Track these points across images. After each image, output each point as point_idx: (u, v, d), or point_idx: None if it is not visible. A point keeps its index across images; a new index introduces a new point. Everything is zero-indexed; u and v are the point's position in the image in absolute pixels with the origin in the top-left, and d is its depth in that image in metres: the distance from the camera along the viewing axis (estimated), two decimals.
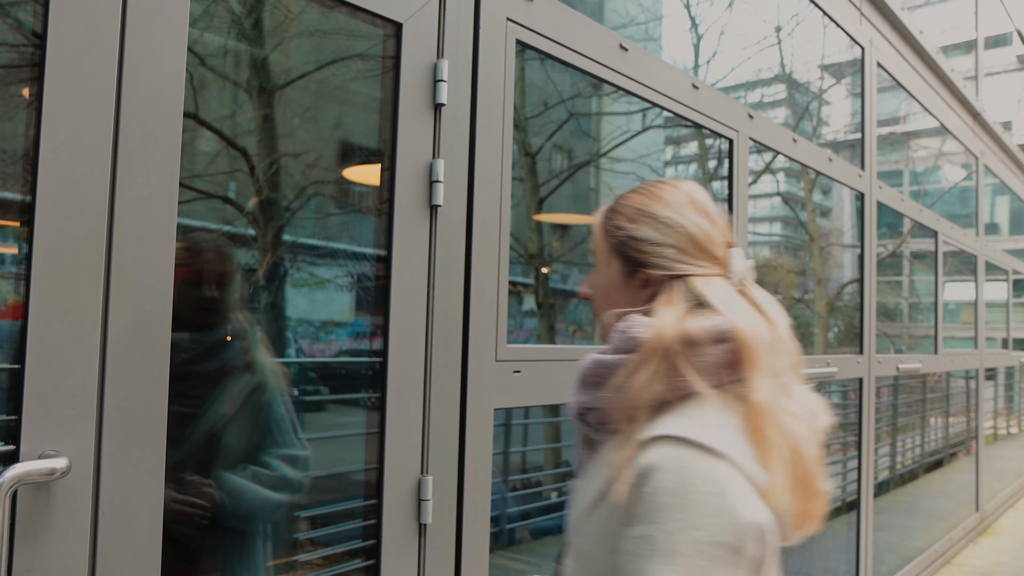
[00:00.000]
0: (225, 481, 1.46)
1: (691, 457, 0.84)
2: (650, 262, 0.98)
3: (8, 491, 1.01)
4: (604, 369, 0.94)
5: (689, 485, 0.82)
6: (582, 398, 0.97)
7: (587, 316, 9.97)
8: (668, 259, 0.97)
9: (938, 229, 5.37)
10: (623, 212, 1.02)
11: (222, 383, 1.50)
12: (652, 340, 0.90)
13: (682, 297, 0.95)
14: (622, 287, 1.01)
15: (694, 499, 0.81)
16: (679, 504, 0.81)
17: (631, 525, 0.84)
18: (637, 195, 1.03)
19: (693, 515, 0.81)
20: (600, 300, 1.05)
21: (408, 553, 1.61)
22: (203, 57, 1.62)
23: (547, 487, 5.77)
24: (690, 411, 0.89)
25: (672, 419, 0.88)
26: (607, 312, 1.02)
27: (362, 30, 1.70)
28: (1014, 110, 14.09)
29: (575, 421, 1.00)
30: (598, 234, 1.06)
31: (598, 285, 1.06)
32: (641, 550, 0.82)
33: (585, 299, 1.08)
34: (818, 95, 5.20)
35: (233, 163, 1.80)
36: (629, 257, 1.00)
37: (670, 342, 0.89)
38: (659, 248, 0.98)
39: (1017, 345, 9.15)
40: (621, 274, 1.01)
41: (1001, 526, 6.61)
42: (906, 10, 4.53)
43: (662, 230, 0.98)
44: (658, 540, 0.80)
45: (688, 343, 0.90)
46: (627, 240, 1.00)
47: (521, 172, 6.24)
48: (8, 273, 1.26)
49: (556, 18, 2.02)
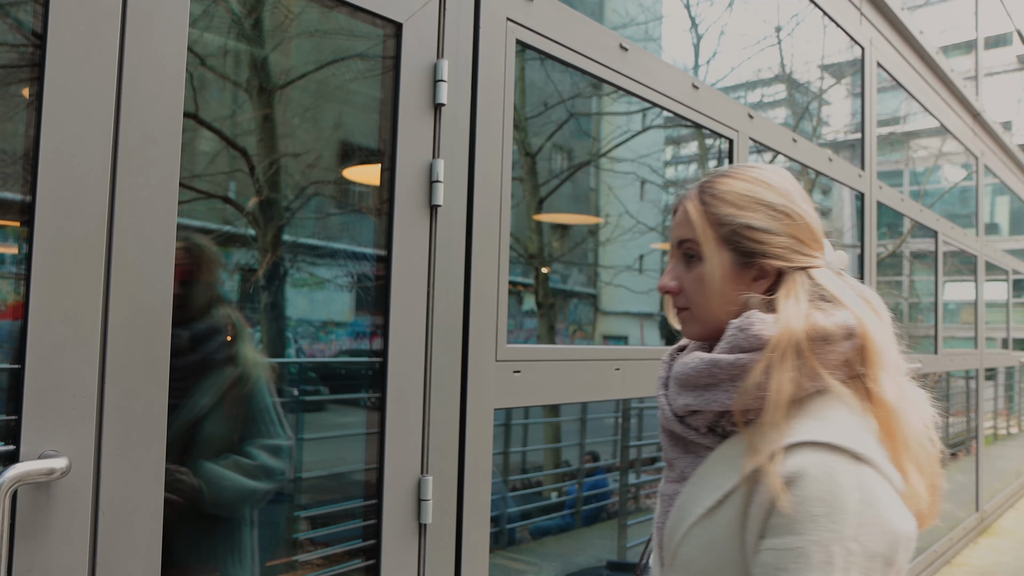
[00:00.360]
0: (204, 469, 1.48)
1: (840, 464, 0.79)
2: (771, 253, 0.91)
3: (8, 491, 1.01)
4: (721, 370, 0.87)
5: (839, 494, 0.77)
6: (687, 400, 0.91)
7: (587, 316, 9.97)
8: (786, 249, 0.91)
9: (938, 229, 5.37)
10: (726, 199, 0.93)
11: (202, 376, 1.52)
12: (782, 337, 0.84)
13: (803, 290, 0.89)
14: (732, 279, 0.93)
15: (846, 508, 0.76)
16: (829, 514, 0.76)
17: (770, 536, 0.79)
18: (735, 180, 0.95)
19: (845, 525, 0.76)
20: (696, 294, 0.95)
21: (408, 553, 1.61)
22: (203, 57, 1.62)
23: (547, 487, 5.77)
24: (822, 412, 0.84)
25: (808, 422, 0.83)
26: (704, 307, 0.95)
27: (362, 30, 1.70)
28: (1014, 110, 14.09)
29: (672, 424, 0.94)
30: (699, 223, 0.94)
31: (693, 278, 0.95)
32: (789, 563, 0.77)
33: (668, 293, 0.98)
34: (818, 95, 5.20)
35: (233, 163, 1.80)
36: (744, 248, 0.92)
37: (800, 338, 0.84)
38: (777, 238, 0.91)
39: (1017, 345, 9.15)
40: (732, 266, 0.93)
41: (1001, 526, 6.61)
42: (906, 10, 4.53)
43: (780, 219, 0.92)
44: (810, 553, 0.75)
45: (819, 339, 0.85)
46: (741, 229, 0.92)
47: (521, 172, 6.24)
48: (8, 273, 1.26)
49: (556, 18, 2.02)
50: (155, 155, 1.21)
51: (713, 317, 0.94)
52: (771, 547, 0.79)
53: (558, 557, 4.73)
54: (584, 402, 4.64)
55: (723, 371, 0.87)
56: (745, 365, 0.86)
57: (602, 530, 5.10)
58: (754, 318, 0.88)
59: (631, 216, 7.82)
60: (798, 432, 0.82)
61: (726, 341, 0.89)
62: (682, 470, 0.94)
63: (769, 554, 0.79)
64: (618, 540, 4.88)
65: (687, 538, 0.88)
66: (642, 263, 8.74)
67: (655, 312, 9.22)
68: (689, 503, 0.89)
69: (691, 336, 0.99)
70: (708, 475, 0.89)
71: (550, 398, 2.02)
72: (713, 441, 0.91)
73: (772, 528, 0.79)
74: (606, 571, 4.32)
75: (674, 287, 0.97)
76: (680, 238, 0.97)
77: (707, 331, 0.96)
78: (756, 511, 0.81)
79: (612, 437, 5.93)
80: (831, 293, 0.89)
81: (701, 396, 0.89)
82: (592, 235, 8.49)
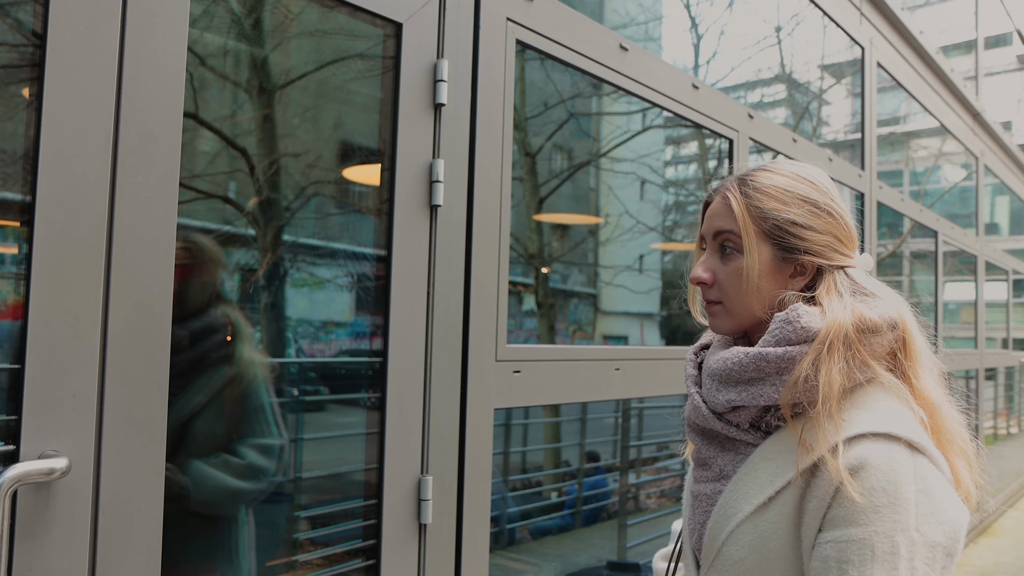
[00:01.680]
0: (191, 467, 1.48)
1: (898, 454, 0.79)
2: (812, 249, 0.91)
3: (8, 491, 1.01)
4: (768, 363, 0.86)
5: (900, 483, 0.77)
6: (730, 396, 0.89)
7: (587, 316, 9.97)
8: (826, 247, 0.92)
9: (938, 229, 5.37)
10: (770, 193, 0.93)
11: (197, 374, 1.52)
12: (830, 328, 0.84)
13: (844, 286, 0.90)
14: (769, 274, 0.92)
15: (907, 498, 0.77)
16: (892, 504, 0.76)
17: (830, 529, 0.79)
18: (777, 175, 0.95)
19: (907, 515, 0.76)
20: (731, 287, 0.94)
21: (408, 553, 1.61)
22: (203, 57, 1.62)
23: (547, 487, 5.77)
24: (871, 403, 0.85)
25: (861, 412, 0.83)
26: (739, 301, 0.94)
27: (362, 30, 1.70)
28: (1014, 110, 14.09)
29: (709, 422, 0.92)
30: (740, 215, 0.93)
31: (730, 271, 0.94)
32: (852, 555, 0.76)
33: (701, 285, 0.97)
34: (818, 95, 5.20)
35: (233, 163, 1.80)
36: (786, 244, 0.92)
37: (849, 330, 0.84)
38: (819, 236, 0.92)
39: (1017, 345, 9.15)
40: (771, 260, 0.92)
41: (1001, 526, 6.61)
42: (906, 10, 4.53)
43: (822, 216, 0.93)
44: (875, 544, 0.75)
45: (867, 330, 0.85)
46: (785, 224, 0.92)
47: (521, 172, 6.23)
48: (8, 273, 1.26)
49: (556, 18, 2.02)
50: (155, 155, 1.21)
51: (747, 311, 0.94)
52: (833, 539, 0.78)
53: (558, 557, 4.74)
54: (584, 402, 4.65)
55: (771, 364, 0.86)
56: (794, 358, 0.85)
57: (602, 530, 5.10)
58: (800, 310, 0.87)
59: (631, 216, 7.82)
60: (855, 423, 0.82)
61: (771, 334, 0.88)
62: (721, 468, 0.92)
63: (831, 547, 0.78)
64: (618, 540, 4.88)
65: (733, 537, 0.86)
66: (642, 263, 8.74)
67: (655, 312, 9.22)
68: (735, 501, 0.88)
69: (721, 330, 0.98)
70: (754, 472, 0.88)
71: (550, 398, 2.02)
72: (755, 437, 0.90)
73: (832, 520, 0.79)
74: (606, 571, 4.32)
75: (708, 279, 0.96)
76: (718, 229, 0.96)
77: (739, 325, 0.95)
78: (815, 505, 0.81)
79: (612, 437, 5.94)
80: (870, 290, 0.90)
81: (746, 391, 0.88)
82: (592, 235, 8.49)
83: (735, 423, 0.91)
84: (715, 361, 0.93)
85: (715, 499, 0.91)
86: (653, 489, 5.65)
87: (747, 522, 0.85)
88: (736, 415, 0.90)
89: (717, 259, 0.96)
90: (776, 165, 0.97)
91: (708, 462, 0.94)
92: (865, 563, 0.75)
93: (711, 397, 0.92)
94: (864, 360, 0.85)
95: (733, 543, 0.86)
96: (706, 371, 0.95)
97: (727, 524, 0.87)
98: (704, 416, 0.93)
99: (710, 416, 0.92)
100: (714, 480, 0.93)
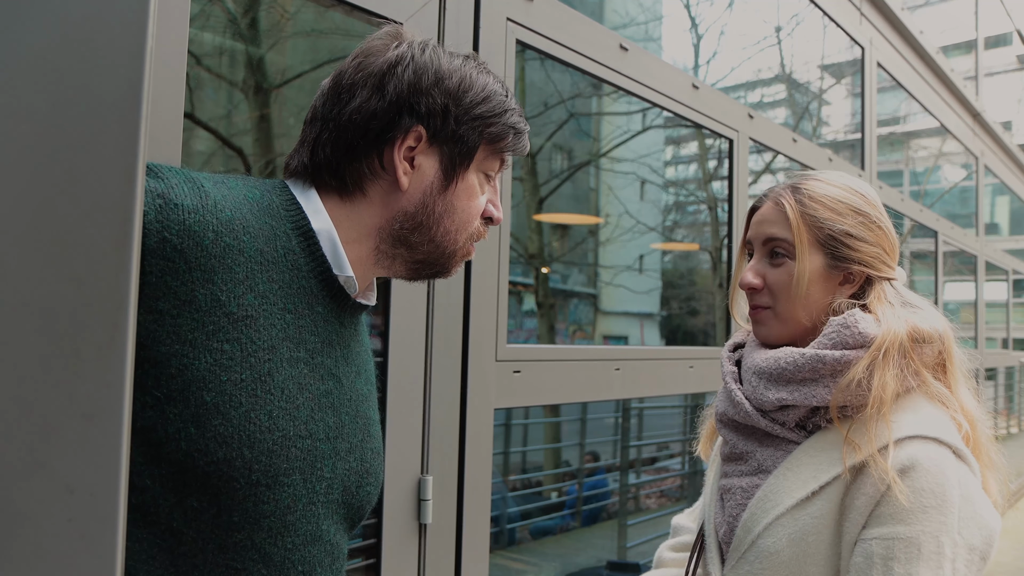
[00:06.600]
0: None
1: (947, 459, 0.82)
2: (863, 260, 0.95)
3: None
4: (825, 365, 0.89)
5: (948, 488, 0.80)
6: (780, 394, 0.91)
7: (587, 316, 9.97)
8: (875, 259, 0.96)
9: (938, 229, 5.37)
10: (825, 203, 0.96)
11: None
12: (887, 336, 0.87)
13: (893, 297, 0.94)
14: (819, 282, 0.95)
15: (953, 502, 0.80)
16: (939, 505, 0.79)
17: (875, 526, 0.82)
18: (830, 186, 0.98)
19: (952, 519, 0.79)
20: (781, 293, 0.97)
21: (408, 553, 1.61)
22: (199, 56, 1.62)
23: (547, 487, 5.77)
24: (918, 408, 0.88)
25: (909, 416, 0.86)
26: (788, 306, 0.96)
27: (361, 30, 1.69)
28: (1014, 110, 14.09)
29: (753, 419, 0.94)
30: (796, 224, 0.96)
31: (780, 277, 0.97)
32: (898, 552, 0.79)
33: (752, 290, 0.99)
34: (818, 95, 5.20)
35: (229, 163, 1.79)
36: (839, 253, 0.95)
37: (903, 339, 0.88)
38: (870, 247, 0.95)
39: (1017, 345, 9.15)
40: (822, 268, 0.95)
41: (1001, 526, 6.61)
42: (906, 10, 4.52)
43: (873, 229, 0.96)
44: (922, 543, 0.78)
45: (920, 340, 0.89)
46: (840, 235, 0.95)
47: (521, 172, 6.23)
48: None
49: (556, 18, 2.02)
50: (155, 155, 1.21)
51: (794, 317, 0.96)
52: (878, 536, 0.81)
53: (558, 557, 4.74)
54: (584, 402, 4.64)
55: (827, 366, 0.89)
56: (850, 361, 0.88)
57: (602, 530, 5.10)
58: (858, 316, 0.90)
59: (631, 216, 7.82)
60: (905, 426, 0.85)
61: (828, 337, 0.90)
62: (760, 463, 0.94)
63: (877, 543, 0.80)
64: (618, 540, 4.88)
65: (770, 529, 0.88)
66: (642, 263, 8.75)
67: (655, 312, 9.22)
68: (775, 494, 0.90)
69: (766, 335, 0.99)
70: (798, 467, 0.90)
71: (550, 398, 2.02)
72: (799, 436, 0.92)
73: (879, 518, 0.81)
74: (606, 571, 4.32)
75: (758, 284, 0.98)
76: (770, 235, 0.98)
77: (786, 331, 0.97)
78: (861, 502, 0.83)
79: (612, 437, 5.93)
80: (914, 302, 0.94)
81: (798, 391, 0.90)
82: (592, 235, 8.50)
83: (780, 421, 0.93)
84: (764, 360, 0.94)
85: (751, 492, 0.93)
86: (653, 489, 5.65)
87: (787, 515, 0.88)
88: (783, 414, 0.92)
89: (766, 264, 0.98)
90: (827, 175, 1.00)
91: (745, 456, 0.96)
92: (911, 561, 0.78)
93: (758, 395, 0.94)
94: (916, 369, 0.88)
95: (770, 535, 0.88)
96: (751, 369, 0.96)
97: (765, 516, 0.89)
98: (747, 413, 0.94)
99: (754, 413, 0.94)
100: (750, 474, 0.94)
